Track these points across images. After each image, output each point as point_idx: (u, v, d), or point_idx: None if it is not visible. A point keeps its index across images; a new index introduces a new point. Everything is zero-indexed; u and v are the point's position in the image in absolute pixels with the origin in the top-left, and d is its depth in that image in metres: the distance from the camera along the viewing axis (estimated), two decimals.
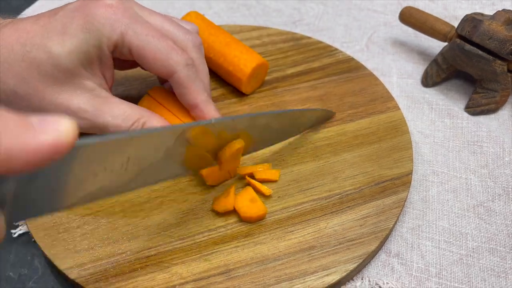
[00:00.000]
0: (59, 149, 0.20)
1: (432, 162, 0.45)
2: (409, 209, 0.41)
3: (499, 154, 0.45)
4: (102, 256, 0.36)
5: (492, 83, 0.48)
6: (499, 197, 0.42)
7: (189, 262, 0.36)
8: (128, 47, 0.37)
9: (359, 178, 0.41)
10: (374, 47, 0.57)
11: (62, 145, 0.20)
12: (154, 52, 0.37)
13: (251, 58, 0.46)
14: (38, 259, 0.38)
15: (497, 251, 0.38)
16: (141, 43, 0.37)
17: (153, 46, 0.37)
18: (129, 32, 0.37)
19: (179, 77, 0.38)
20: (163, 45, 0.37)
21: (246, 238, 0.37)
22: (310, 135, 0.44)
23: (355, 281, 0.37)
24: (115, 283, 0.34)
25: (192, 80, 0.38)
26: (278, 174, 0.41)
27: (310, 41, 0.54)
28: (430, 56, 0.55)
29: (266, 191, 0.39)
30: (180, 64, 0.38)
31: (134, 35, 0.37)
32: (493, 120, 0.48)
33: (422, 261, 0.38)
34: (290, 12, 0.63)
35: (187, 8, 0.63)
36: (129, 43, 0.37)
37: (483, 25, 0.45)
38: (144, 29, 0.37)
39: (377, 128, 0.45)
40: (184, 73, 0.38)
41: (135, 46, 0.37)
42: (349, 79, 0.50)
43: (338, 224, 0.38)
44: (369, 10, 0.63)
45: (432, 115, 0.49)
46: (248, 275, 0.35)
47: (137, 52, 0.37)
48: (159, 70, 0.38)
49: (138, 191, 0.40)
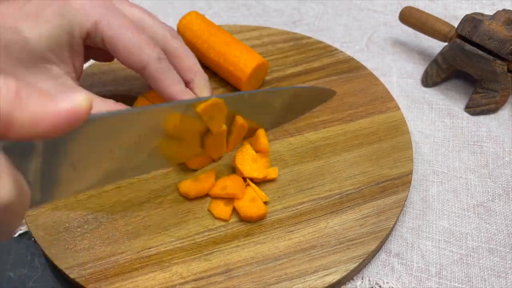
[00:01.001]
0: (76, 116, 0.23)
1: (432, 162, 0.45)
2: (409, 209, 0.41)
3: (499, 154, 0.45)
4: (103, 256, 0.36)
5: (492, 83, 0.48)
6: (499, 197, 0.42)
7: (189, 262, 0.36)
8: (101, 37, 0.37)
9: (359, 178, 0.41)
10: (374, 47, 0.57)
11: (79, 112, 0.23)
12: (127, 45, 0.37)
13: (251, 58, 0.46)
14: (38, 259, 0.38)
15: (497, 251, 0.38)
16: (114, 34, 0.37)
17: (126, 38, 0.37)
18: (103, 22, 0.37)
19: (151, 71, 0.38)
20: (137, 38, 0.38)
21: (246, 238, 0.37)
22: (310, 135, 0.44)
23: (355, 281, 0.37)
24: (115, 282, 0.34)
25: (164, 73, 0.39)
26: (275, 173, 0.41)
27: (310, 41, 0.54)
28: (430, 56, 0.55)
29: (264, 198, 0.39)
30: (151, 57, 0.38)
31: (107, 25, 0.37)
32: (493, 120, 0.48)
33: (422, 260, 0.38)
34: (290, 12, 0.63)
35: (187, 8, 0.63)
36: (101, 32, 0.37)
37: (483, 25, 0.45)
38: (119, 21, 0.37)
39: (377, 128, 0.45)
40: (155, 66, 0.38)
41: (108, 37, 0.37)
42: (349, 79, 0.50)
43: (338, 224, 0.38)
44: (369, 10, 0.63)
45: (432, 115, 0.49)
46: (248, 274, 0.35)
47: (110, 42, 0.37)
48: (131, 63, 0.38)
49: (138, 191, 0.40)
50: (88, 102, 0.24)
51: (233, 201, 0.38)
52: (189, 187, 0.39)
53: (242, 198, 0.38)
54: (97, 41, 0.38)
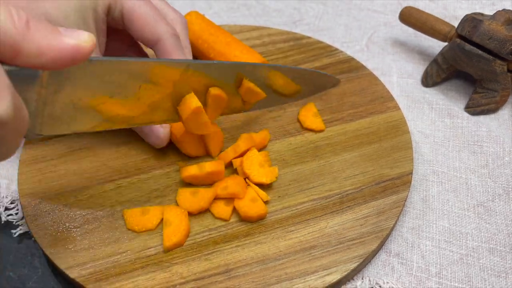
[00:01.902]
0: (79, 52, 0.25)
1: (432, 162, 0.45)
2: (409, 209, 0.41)
3: (499, 154, 0.45)
4: (103, 256, 0.36)
5: (492, 83, 0.48)
6: (499, 196, 0.42)
7: (189, 262, 0.36)
8: (120, 10, 0.39)
9: (359, 178, 0.41)
10: (374, 47, 0.57)
11: (82, 49, 0.25)
12: (144, 17, 0.39)
13: (252, 58, 0.46)
14: (38, 259, 0.38)
15: (497, 250, 0.38)
16: (133, 5, 0.39)
17: (143, 11, 0.39)
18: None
19: (165, 44, 0.39)
20: (154, 12, 0.39)
21: (247, 238, 0.37)
22: (310, 135, 0.44)
23: (355, 281, 0.37)
24: (115, 282, 0.34)
25: (176, 49, 0.40)
26: (274, 174, 0.40)
27: (310, 41, 0.54)
28: (430, 56, 0.55)
29: (264, 197, 0.39)
30: (167, 32, 0.39)
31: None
32: (493, 120, 0.48)
33: (422, 260, 0.38)
34: (290, 12, 0.63)
35: (187, 8, 0.63)
36: (121, 4, 0.38)
37: (483, 25, 0.45)
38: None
39: (378, 127, 0.45)
40: (170, 41, 0.39)
41: (127, 8, 0.39)
42: (349, 79, 0.50)
43: (339, 224, 0.38)
44: (369, 10, 0.63)
45: (432, 115, 0.49)
46: (249, 274, 0.35)
47: (128, 14, 0.39)
48: (146, 36, 0.39)
49: (138, 191, 0.40)
50: (92, 40, 0.26)
51: (233, 201, 0.38)
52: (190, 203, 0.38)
53: (244, 197, 0.38)
54: (115, 15, 0.39)
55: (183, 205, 0.38)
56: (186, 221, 0.37)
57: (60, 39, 0.25)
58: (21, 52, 0.24)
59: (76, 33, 0.26)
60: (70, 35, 0.25)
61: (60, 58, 0.25)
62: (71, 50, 0.25)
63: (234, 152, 0.41)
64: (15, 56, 0.24)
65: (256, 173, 0.39)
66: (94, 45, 0.26)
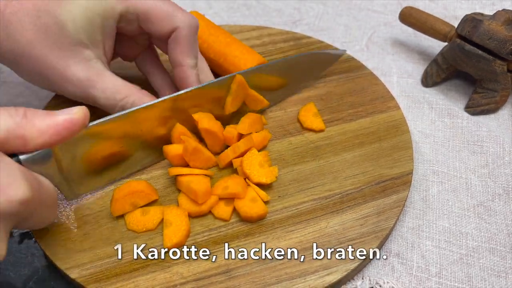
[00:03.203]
0: (73, 123, 0.30)
1: (432, 162, 0.45)
2: (410, 209, 0.41)
3: (499, 154, 0.45)
4: (103, 256, 0.36)
5: (492, 83, 0.48)
6: (499, 196, 0.42)
7: (189, 262, 0.36)
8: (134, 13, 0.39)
9: (359, 178, 0.41)
10: (374, 47, 0.57)
11: (75, 121, 0.30)
12: (160, 9, 0.39)
13: (252, 58, 0.46)
14: (38, 259, 0.38)
15: (497, 250, 0.38)
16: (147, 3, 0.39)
17: (158, 6, 0.39)
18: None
19: (180, 33, 0.40)
20: (170, 3, 0.40)
21: (247, 238, 0.37)
22: (310, 135, 0.44)
23: (355, 281, 0.37)
24: (115, 282, 0.34)
25: (190, 41, 0.40)
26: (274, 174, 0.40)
27: (310, 40, 0.54)
28: (430, 56, 0.55)
29: (264, 197, 0.39)
30: (184, 22, 0.40)
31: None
32: (493, 120, 0.49)
33: (422, 260, 0.38)
34: (290, 12, 0.63)
35: (187, 8, 0.63)
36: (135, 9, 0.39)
37: (483, 25, 0.45)
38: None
39: (378, 127, 0.45)
40: (186, 30, 0.40)
41: (141, 9, 0.39)
42: (350, 79, 0.50)
43: (339, 224, 0.38)
44: (369, 10, 0.63)
45: (432, 115, 0.49)
46: (249, 274, 0.35)
47: (143, 13, 0.39)
48: (163, 26, 0.40)
49: None
50: (82, 112, 0.31)
51: (233, 201, 0.38)
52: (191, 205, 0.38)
53: (244, 198, 0.38)
54: (131, 18, 0.40)
55: (184, 206, 0.38)
56: (186, 221, 0.37)
57: (55, 117, 0.30)
58: (26, 138, 0.29)
59: (68, 109, 0.30)
60: (62, 112, 0.30)
61: (59, 132, 0.30)
62: (66, 123, 0.30)
63: (234, 152, 0.41)
64: (25, 144, 0.29)
65: (256, 173, 0.39)
66: (86, 114, 0.31)
